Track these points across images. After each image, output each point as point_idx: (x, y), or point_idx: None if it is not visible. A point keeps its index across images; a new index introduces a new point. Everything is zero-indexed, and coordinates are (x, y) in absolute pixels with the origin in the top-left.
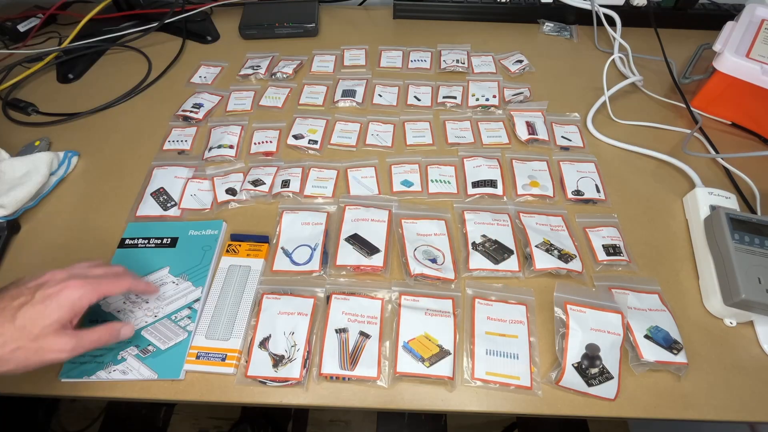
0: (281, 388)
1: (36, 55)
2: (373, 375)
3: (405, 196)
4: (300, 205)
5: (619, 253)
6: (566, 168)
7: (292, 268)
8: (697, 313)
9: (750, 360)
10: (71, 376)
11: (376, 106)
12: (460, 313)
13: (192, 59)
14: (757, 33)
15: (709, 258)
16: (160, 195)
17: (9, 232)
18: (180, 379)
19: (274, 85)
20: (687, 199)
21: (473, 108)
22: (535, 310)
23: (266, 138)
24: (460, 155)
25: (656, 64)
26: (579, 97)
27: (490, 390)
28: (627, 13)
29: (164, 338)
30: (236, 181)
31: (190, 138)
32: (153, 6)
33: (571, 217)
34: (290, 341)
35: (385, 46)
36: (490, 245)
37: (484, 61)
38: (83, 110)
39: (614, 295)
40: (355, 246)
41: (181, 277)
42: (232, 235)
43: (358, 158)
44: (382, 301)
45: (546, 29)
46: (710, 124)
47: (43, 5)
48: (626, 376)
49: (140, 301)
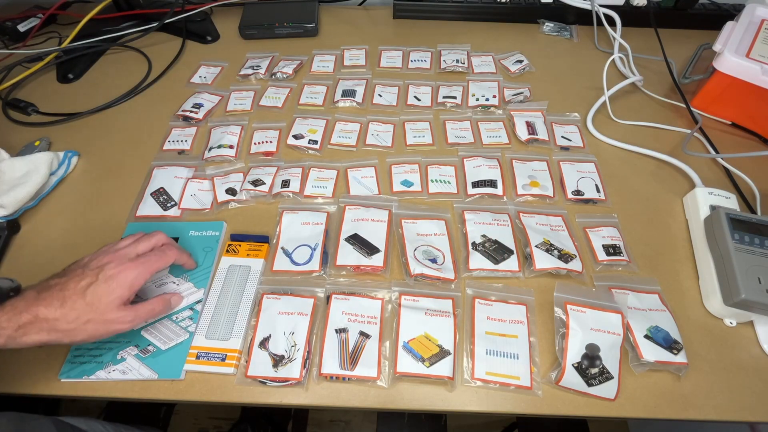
0: (281, 388)
1: (36, 55)
2: (373, 375)
3: (405, 196)
4: (300, 205)
5: (619, 253)
6: (566, 168)
7: (292, 268)
8: (697, 313)
9: (750, 360)
10: (71, 376)
11: (376, 106)
12: (460, 313)
13: (192, 59)
14: (757, 33)
15: (709, 258)
16: (160, 195)
17: (9, 232)
18: (180, 379)
19: (274, 85)
20: (687, 199)
21: (473, 108)
22: (535, 310)
23: (266, 138)
24: (460, 155)
25: (656, 64)
26: (579, 97)
27: (490, 390)
28: (627, 13)
29: (165, 338)
30: (236, 181)
31: (190, 138)
32: (153, 6)
33: (571, 217)
34: (290, 341)
35: (385, 46)
36: (490, 245)
37: (484, 61)
38: (83, 110)
39: (614, 295)
40: (355, 246)
41: (182, 278)
42: (232, 235)
43: (358, 158)
44: (382, 301)
45: (546, 29)
46: (710, 124)
47: (43, 5)
48: (626, 376)
49: (140, 300)
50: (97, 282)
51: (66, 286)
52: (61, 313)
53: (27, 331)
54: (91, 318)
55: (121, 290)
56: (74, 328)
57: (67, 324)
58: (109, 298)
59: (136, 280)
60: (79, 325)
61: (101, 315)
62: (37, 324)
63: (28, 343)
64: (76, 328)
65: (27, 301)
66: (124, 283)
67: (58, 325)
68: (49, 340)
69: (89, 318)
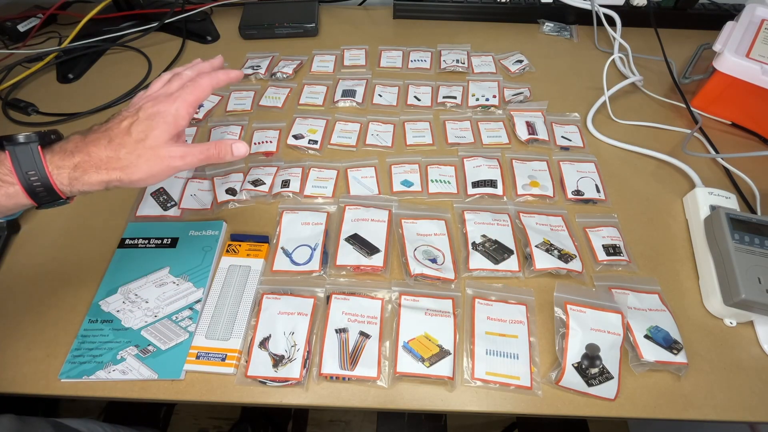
0: (281, 388)
1: (36, 55)
2: (373, 375)
3: (405, 196)
4: (300, 205)
5: (619, 253)
6: (566, 168)
7: (292, 268)
8: (697, 313)
9: (750, 360)
10: (71, 376)
11: (376, 106)
12: (460, 313)
13: (192, 59)
14: (757, 33)
15: (709, 258)
16: (160, 195)
17: (9, 232)
18: (180, 379)
19: (274, 85)
20: (687, 199)
21: (473, 108)
22: (535, 310)
23: (266, 138)
24: (460, 155)
25: (656, 64)
26: (579, 97)
27: (490, 390)
28: (627, 13)
29: (165, 338)
30: (236, 181)
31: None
32: (153, 6)
33: (571, 217)
34: (290, 341)
35: (385, 46)
36: (490, 245)
37: (484, 61)
38: (83, 110)
39: (614, 295)
40: (355, 246)
41: (181, 277)
42: (232, 235)
43: (358, 158)
44: (382, 301)
45: (546, 29)
46: (710, 124)
47: (43, 5)
48: (626, 376)
49: (140, 301)
50: (138, 120)
51: (109, 128)
52: (113, 150)
53: (86, 169)
54: (141, 153)
55: (165, 125)
56: (129, 164)
57: (120, 161)
58: (154, 132)
59: (178, 111)
60: (133, 160)
61: (152, 150)
62: (92, 162)
63: (92, 182)
64: (130, 164)
65: (75, 143)
66: (167, 116)
67: (112, 163)
68: (110, 180)
69: (140, 153)
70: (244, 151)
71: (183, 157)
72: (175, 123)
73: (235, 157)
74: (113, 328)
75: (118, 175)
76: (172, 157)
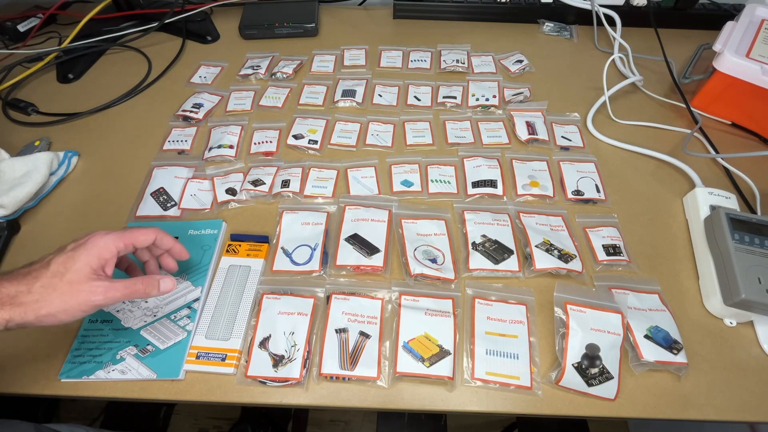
0: (281, 388)
1: (36, 55)
2: (373, 375)
3: (405, 196)
4: (300, 205)
5: (619, 253)
6: (566, 168)
7: (292, 268)
8: (697, 313)
9: (750, 360)
10: (71, 376)
11: (376, 106)
12: (460, 313)
13: (192, 59)
14: (757, 33)
15: (709, 258)
16: (160, 195)
17: (9, 232)
18: (180, 379)
19: (274, 85)
20: (687, 199)
21: (473, 108)
22: (535, 310)
23: (266, 138)
24: (460, 155)
25: (656, 64)
26: (579, 97)
27: (490, 390)
28: (627, 13)
29: (163, 338)
30: (236, 181)
31: (190, 138)
32: (153, 6)
33: (571, 217)
34: (290, 341)
35: (385, 46)
36: (490, 245)
37: (484, 61)
38: (83, 110)
39: (614, 295)
40: (355, 246)
41: (180, 276)
42: (232, 235)
43: (358, 158)
44: (382, 301)
45: (546, 29)
46: (710, 124)
47: (43, 5)
48: (626, 376)
49: (139, 300)
50: (63, 252)
51: (33, 263)
52: (25, 284)
53: None
54: (57, 287)
55: (87, 257)
56: (38, 298)
57: (30, 295)
58: (75, 265)
59: (107, 245)
60: (45, 295)
61: (69, 284)
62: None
63: None
64: (40, 299)
65: None
66: (92, 249)
67: (20, 298)
68: (11, 317)
69: (55, 287)
70: (171, 286)
71: (105, 292)
72: (99, 256)
73: (161, 292)
74: (113, 328)
75: (22, 312)
76: (92, 293)
